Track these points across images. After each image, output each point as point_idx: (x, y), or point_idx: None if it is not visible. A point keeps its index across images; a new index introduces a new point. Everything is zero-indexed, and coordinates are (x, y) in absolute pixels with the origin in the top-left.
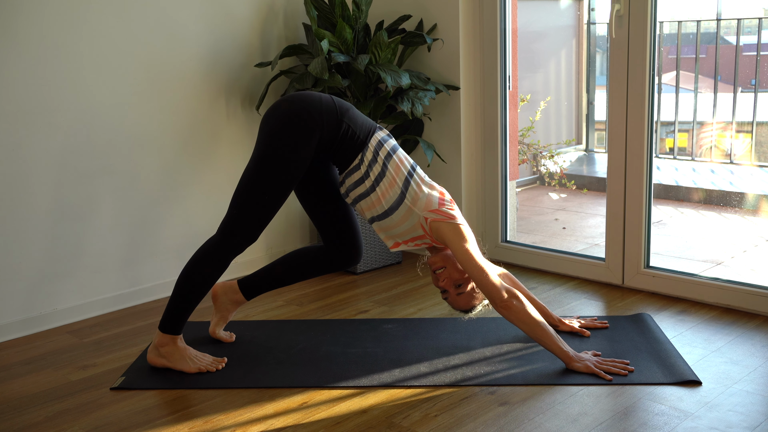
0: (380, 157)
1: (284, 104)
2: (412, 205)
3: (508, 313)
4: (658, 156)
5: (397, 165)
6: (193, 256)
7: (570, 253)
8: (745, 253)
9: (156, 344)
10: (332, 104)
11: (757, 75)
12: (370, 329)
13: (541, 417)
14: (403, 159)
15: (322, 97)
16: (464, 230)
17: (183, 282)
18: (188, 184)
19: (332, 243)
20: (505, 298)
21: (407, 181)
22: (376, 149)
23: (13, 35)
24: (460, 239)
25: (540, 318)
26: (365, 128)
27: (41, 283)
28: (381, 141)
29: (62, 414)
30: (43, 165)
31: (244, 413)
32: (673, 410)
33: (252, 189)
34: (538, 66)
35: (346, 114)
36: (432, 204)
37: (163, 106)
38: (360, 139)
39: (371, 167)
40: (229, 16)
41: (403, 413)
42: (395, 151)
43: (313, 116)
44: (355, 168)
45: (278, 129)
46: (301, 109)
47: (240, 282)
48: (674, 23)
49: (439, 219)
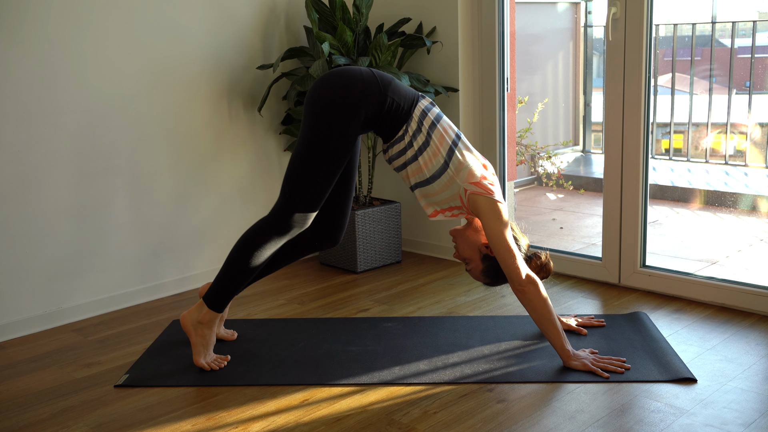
0: (424, 127)
1: (326, 84)
2: (454, 174)
3: (522, 297)
4: (654, 157)
5: (441, 134)
6: (244, 237)
7: (567, 252)
8: (739, 252)
9: (200, 319)
10: (374, 80)
11: (752, 77)
12: (371, 327)
13: (539, 414)
14: (447, 128)
15: (363, 72)
16: (501, 208)
17: (231, 263)
18: (192, 185)
19: (322, 219)
20: (523, 281)
21: (451, 149)
22: (420, 119)
23: (19, 38)
24: (494, 215)
25: (552, 310)
26: (409, 98)
27: (46, 282)
28: (425, 110)
29: (66, 411)
30: (49, 165)
31: (246, 410)
32: (668, 407)
33: (303, 174)
34: (536, 68)
35: (389, 87)
36: (474, 176)
37: (167, 108)
38: (404, 110)
39: (415, 137)
40: (232, 19)
41: (402, 410)
42: (439, 120)
43: (357, 95)
44: (399, 138)
45: (322, 111)
46: (343, 88)
47: None
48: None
49: (478, 192)
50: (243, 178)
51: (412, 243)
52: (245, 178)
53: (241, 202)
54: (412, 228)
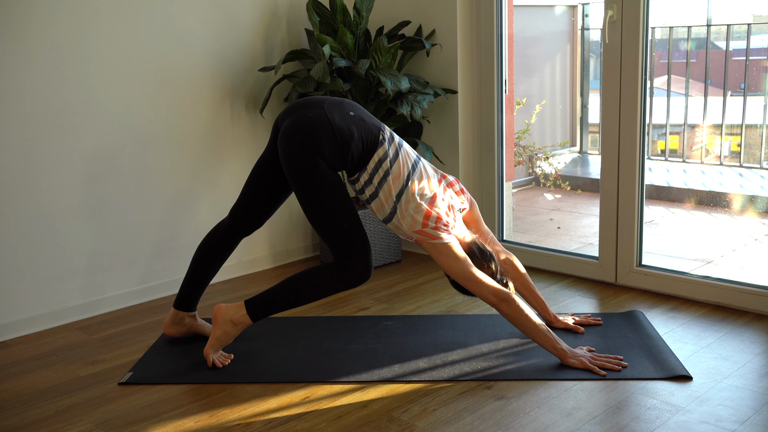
0: (374, 181)
1: (290, 138)
2: (400, 222)
3: (500, 313)
4: (650, 158)
5: (389, 188)
6: (318, 271)
7: (564, 252)
8: (734, 252)
9: (234, 318)
10: (336, 142)
11: (746, 79)
12: (371, 326)
13: (537, 411)
14: (395, 180)
15: (324, 133)
16: (446, 248)
17: (293, 290)
18: (194, 185)
19: (248, 217)
20: (493, 301)
21: (394, 206)
22: (372, 172)
23: (24, 41)
24: (442, 256)
25: (534, 318)
26: (367, 147)
27: (52, 281)
28: (380, 161)
29: (71, 408)
30: (54, 166)
31: (248, 407)
32: (664, 404)
33: (330, 223)
34: (534, 70)
35: (348, 147)
36: (416, 225)
37: (170, 109)
38: (360, 162)
39: (366, 186)
40: (234, 22)
41: (402, 407)
42: (389, 173)
43: (319, 153)
44: (352, 182)
45: (296, 166)
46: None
47: (175, 305)
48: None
49: (422, 239)
50: (245, 179)
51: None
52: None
53: None
54: None
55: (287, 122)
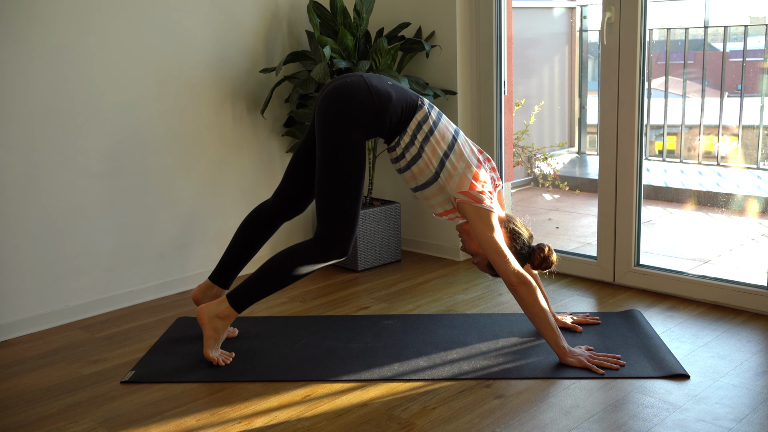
0: (417, 140)
1: (327, 101)
2: (445, 183)
3: (515, 296)
4: (647, 158)
5: (434, 147)
6: (287, 256)
7: (563, 251)
8: (731, 251)
9: (218, 312)
10: (372, 100)
11: (743, 80)
12: (371, 325)
13: (535, 409)
14: (440, 139)
15: (361, 91)
16: (488, 215)
17: (268, 275)
18: (196, 185)
19: (288, 200)
20: (513, 281)
21: (442, 161)
22: (414, 133)
23: (27, 42)
24: (480, 222)
25: (545, 308)
26: (406, 111)
27: (54, 280)
28: (420, 123)
29: (74, 407)
30: (56, 166)
31: (250, 406)
32: (662, 403)
33: (340, 196)
34: (533, 71)
35: (386, 108)
36: (463, 185)
37: (172, 110)
38: (400, 124)
39: (408, 149)
40: (235, 24)
41: (402, 406)
42: (434, 130)
43: (355, 114)
44: (392, 148)
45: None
46: (340, 108)
47: (211, 277)
48: (663, 30)
49: (466, 201)
50: (246, 179)
51: (412, 242)
52: (248, 178)
53: (245, 202)
54: (411, 228)
55: (326, 89)
